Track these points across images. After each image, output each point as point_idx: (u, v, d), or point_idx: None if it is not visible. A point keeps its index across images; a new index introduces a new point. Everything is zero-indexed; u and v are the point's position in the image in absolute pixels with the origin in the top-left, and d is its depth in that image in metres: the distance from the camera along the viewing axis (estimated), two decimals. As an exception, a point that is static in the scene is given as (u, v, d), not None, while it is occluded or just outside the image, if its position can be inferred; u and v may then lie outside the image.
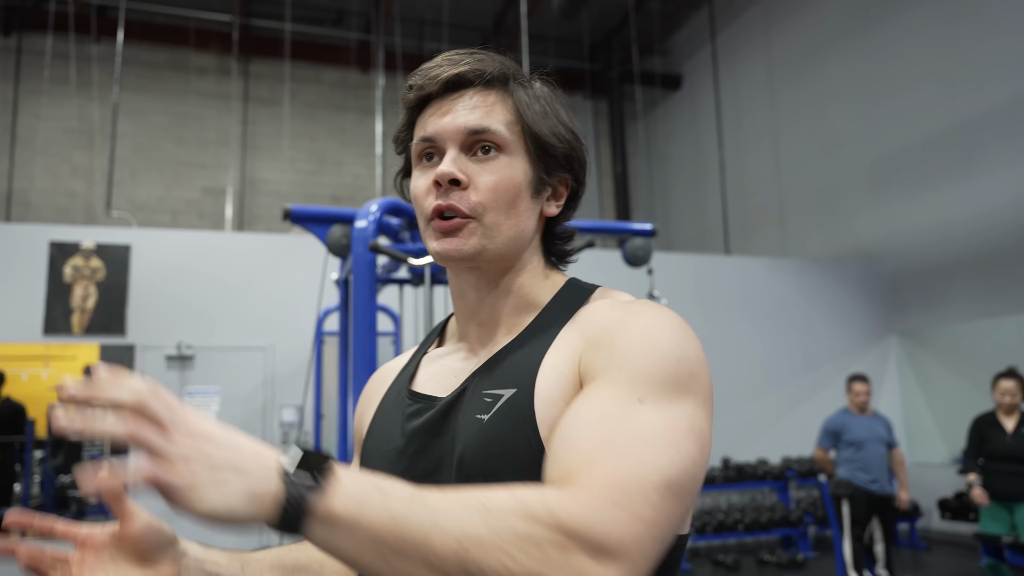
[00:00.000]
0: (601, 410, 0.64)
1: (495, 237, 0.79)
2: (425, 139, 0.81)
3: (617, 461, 0.59)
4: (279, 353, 5.97)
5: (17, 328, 5.59)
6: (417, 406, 0.82)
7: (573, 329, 0.76)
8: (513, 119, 0.81)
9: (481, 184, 0.78)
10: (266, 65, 9.61)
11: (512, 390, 0.74)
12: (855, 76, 7.67)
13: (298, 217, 3.23)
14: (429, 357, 0.90)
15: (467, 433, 0.74)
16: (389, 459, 0.80)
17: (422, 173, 0.82)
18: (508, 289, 0.84)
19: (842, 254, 7.82)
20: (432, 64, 0.82)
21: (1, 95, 8.58)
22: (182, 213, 9.09)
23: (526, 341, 0.79)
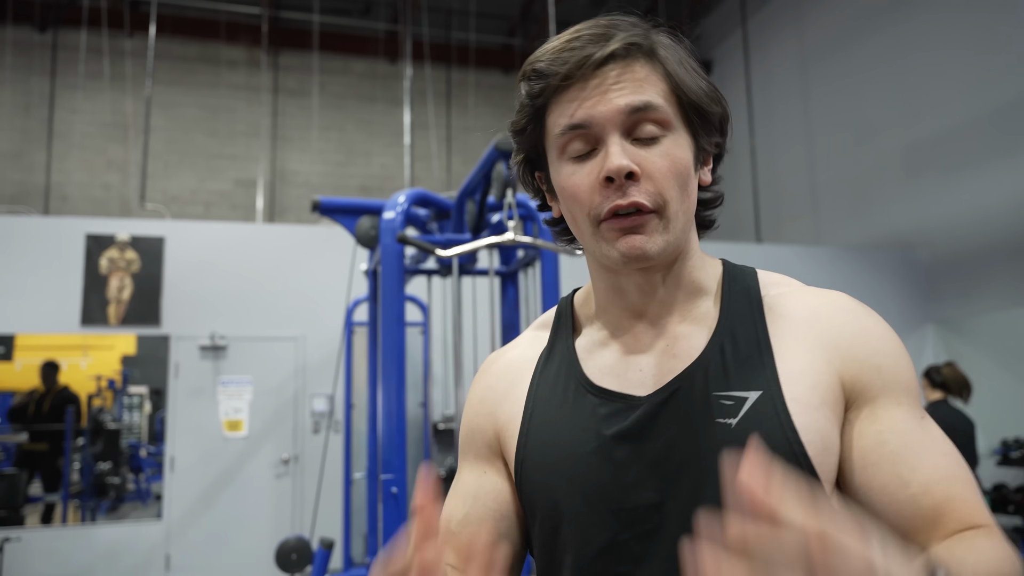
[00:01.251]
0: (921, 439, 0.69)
1: (675, 228, 0.73)
2: (574, 127, 0.72)
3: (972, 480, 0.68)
4: (310, 343, 6.03)
5: (56, 319, 5.72)
6: (614, 405, 0.74)
7: (791, 327, 0.74)
8: (668, 89, 0.73)
9: (656, 172, 0.71)
10: (295, 57, 9.67)
11: (756, 392, 0.70)
12: (889, 61, 7.50)
13: (327, 209, 3.25)
14: (583, 348, 0.81)
15: (708, 439, 0.69)
16: (582, 462, 0.73)
17: (578, 169, 0.73)
18: (676, 280, 0.78)
19: (876, 242, 7.67)
20: (559, 44, 0.73)
21: (38, 90, 8.75)
22: (214, 205, 9.21)
23: (732, 335, 0.74)
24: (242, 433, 5.86)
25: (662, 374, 0.75)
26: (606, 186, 0.71)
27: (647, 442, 0.72)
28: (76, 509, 7.10)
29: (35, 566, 5.45)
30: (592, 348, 0.81)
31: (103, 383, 7.94)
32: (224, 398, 5.87)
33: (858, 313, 0.76)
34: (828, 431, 0.69)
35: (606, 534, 0.71)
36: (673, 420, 0.72)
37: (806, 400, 0.69)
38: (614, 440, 0.73)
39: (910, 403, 0.70)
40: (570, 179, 0.73)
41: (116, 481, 7.34)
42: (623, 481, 0.71)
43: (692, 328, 0.77)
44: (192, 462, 5.76)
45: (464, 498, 0.81)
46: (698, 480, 0.69)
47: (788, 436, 0.68)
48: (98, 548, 5.68)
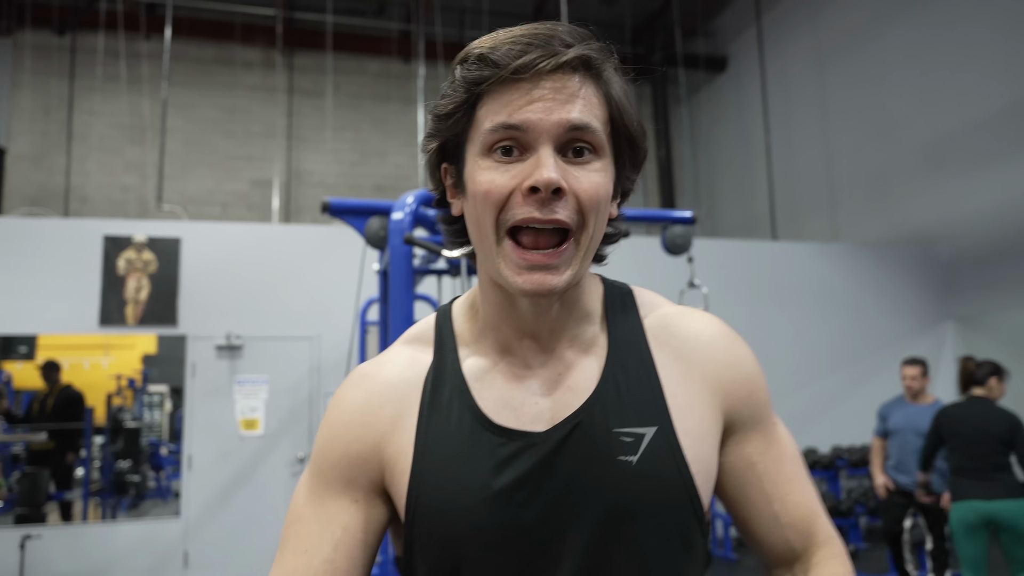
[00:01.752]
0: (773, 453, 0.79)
1: (586, 259, 0.71)
2: (509, 126, 0.68)
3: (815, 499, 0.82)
4: (324, 342, 6.07)
5: (75, 319, 5.79)
6: (514, 445, 0.72)
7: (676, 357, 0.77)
8: (607, 116, 0.71)
9: (582, 192, 0.68)
10: (309, 58, 9.72)
11: (652, 428, 0.72)
12: (908, 54, 7.41)
13: (336, 210, 3.26)
14: (471, 373, 0.77)
15: (610, 477, 0.70)
16: (482, 506, 0.71)
17: (499, 167, 0.69)
18: (569, 306, 0.77)
19: (895, 238, 7.58)
20: (509, 36, 0.69)
21: (57, 93, 8.86)
22: (231, 205, 9.28)
23: (624, 367, 0.75)
24: (258, 432, 5.90)
25: (559, 408, 0.74)
26: (528, 195, 0.67)
27: (548, 480, 0.71)
28: (96, 507, 7.20)
29: (56, 563, 5.53)
30: (482, 375, 0.77)
31: (123, 382, 8.04)
32: (240, 397, 5.92)
33: (731, 340, 0.80)
34: (711, 459, 0.76)
35: (508, 573, 0.71)
36: (574, 457, 0.71)
37: (695, 432, 0.74)
38: (517, 482, 0.71)
39: (768, 419, 0.80)
40: (488, 177, 0.69)
41: (136, 479, 7.43)
42: (525, 521, 0.70)
43: (582, 357, 0.77)
44: (209, 460, 5.82)
45: (332, 529, 0.74)
46: (600, 516, 0.70)
47: (681, 470, 0.72)
48: (118, 545, 5.75)
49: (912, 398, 4.49)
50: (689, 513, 0.72)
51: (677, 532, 0.72)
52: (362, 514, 0.76)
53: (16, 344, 7.21)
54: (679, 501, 0.71)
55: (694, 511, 0.73)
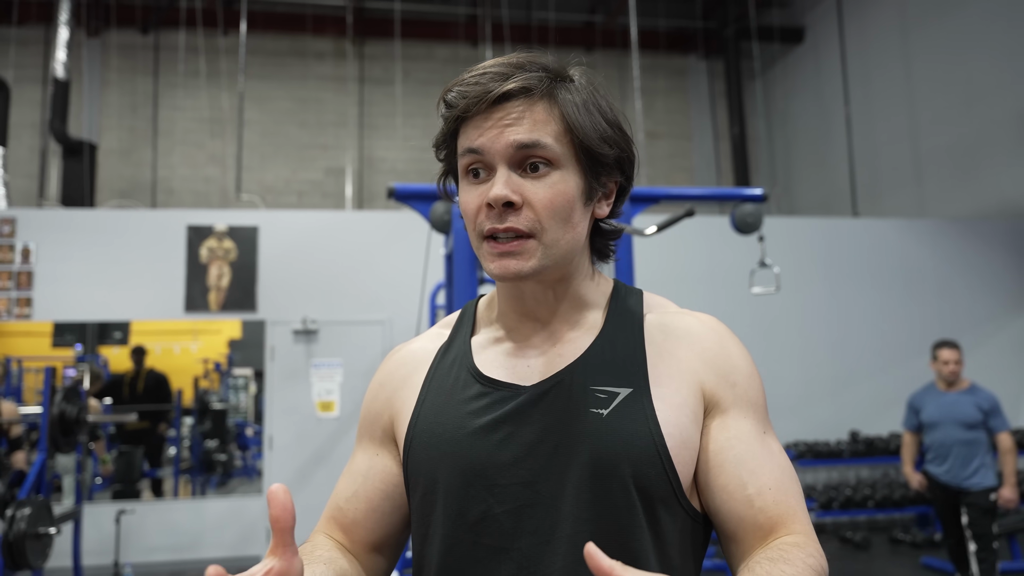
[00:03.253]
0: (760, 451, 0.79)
1: (554, 253, 0.80)
2: (471, 151, 0.80)
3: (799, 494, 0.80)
4: (396, 326, 6.19)
5: (162, 306, 6.07)
6: (498, 392, 0.82)
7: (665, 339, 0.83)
8: (562, 130, 0.79)
9: (536, 202, 0.78)
10: (379, 46, 9.85)
11: (627, 389, 0.79)
12: (997, 18, 6.96)
13: (401, 195, 3.31)
14: (478, 344, 0.90)
15: (580, 426, 0.78)
16: (463, 441, 0.81)
17: (471, 188, 0.81)
18: (564, 292, 0.86)
19: (986, 212, 7.18)
20: (472, 78, 0.80)
21: (143, 90, 9.26)
22: (307, 194, 9.54)
23: (612, 341, 0.84)
24: (334, 414, 6.08)
25: (547, 369, 0.83)
26: (489, 210, 0.79)
27: (525, 426, 0.80)
28: (186, 484, 7.58)
29: (149, 536, 5.85)
30: (487, 344, 0.89)
31: (209, 365, 8.41)
32: (316, 380, 6.11)
33: (722, 335, 0.85)
34: (688, 428, 0.79)
35: (479, 507, 0.79)
36: (551, 408, 0.80)
37: (670, 400, 0.79)
38: (494, 422, 0.80)
39: (756, 418, 0.82)
40: (465, 197, 0.82)
41: (223, 458, 7.78)
42: (499, 460, 0.79)
43: (579, 333, 0.86)
44: (289, 441, 6.03)
45: (355, 477, 0.90)
46: (568, 462, 0.77)
47: (651, 429, 0.77)
48: (206, 521, 6.03)
49: (948, 386, 4.07)
50: (658, 470, 0.76)
51: (644, 486, 0.76)
52: (381, 464, 0.90)
53: (111, 330, 7.63)
54: (646, 455, 0.76)
55: (664, 469, 0.76)
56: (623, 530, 0.76)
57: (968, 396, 3.99)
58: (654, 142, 10.13)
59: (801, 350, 6.62)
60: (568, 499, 0.76)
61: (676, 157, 10.41)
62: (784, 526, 0.76)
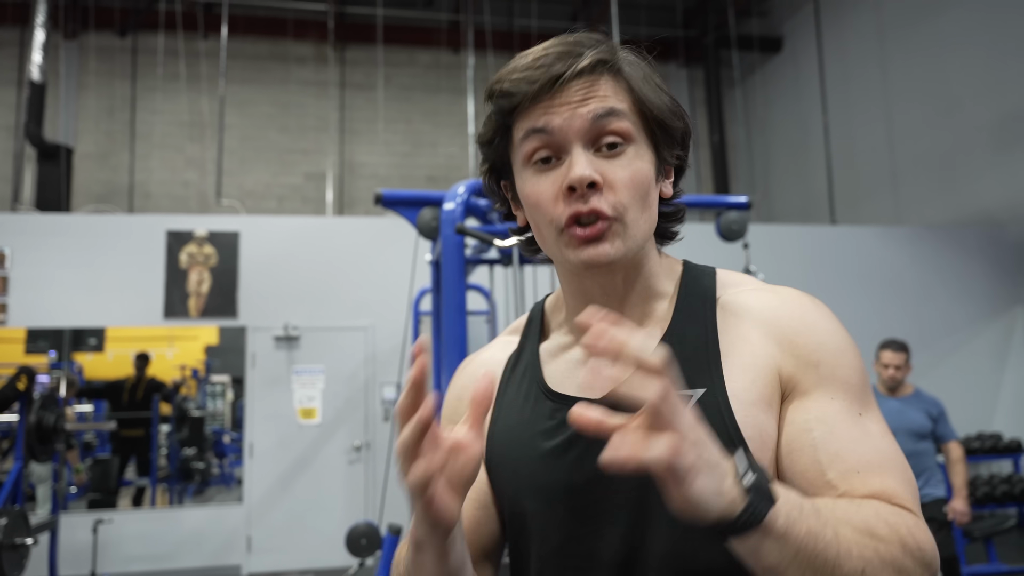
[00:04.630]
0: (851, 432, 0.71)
1: (636, 236, 0.76)
2: (538, 131, 0.74)
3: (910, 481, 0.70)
4: (379, 333, 6.15)
5: (140, 312, 5.99)
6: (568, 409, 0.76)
7: (739, 323, 0.77)
8: (632, 103, 0.76)
9: (617, 182, 0.74)
10: (361, 51, 9.83)
11: (701, 390, 0.74)
12: (974, 27, 7.09)
13: (389, 201, 3.29)
14: (547, 352, 0.85)
15: None
16: (537, 464, 0.78)
17: (540, 176, 0.76)
18: (635, 282, 0.82)
19: (962, 220, 7.30)
20: (528, 63, 0.75)
21: (120, 93, 9.16)
22: (287, 199, 9.47)
23: (681, 336, 0.78)
24: (316, 421, 6.03)
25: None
26: (568, 195, 0.74)
27: (598, 443, 0.72)
28: (164, 492, 7.47)
29: (127, 547, 5.76)
30: (555, 352, 0.85)
31: (187, 372, 8.30)
32: (298, 387, 6.05)
33: (806, 308, 0.78)
34: (766, 424, 0.73)
35: (563, 530, 0.77)
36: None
37: (746, 396, 0.73)
38: (566, 443, 0.77)
39: (847, 398, 0.73)
40: (534, 187, 0.76)
41: (201, 466, 7.68)
42: (575, 482, 0.76)
43: (648, 329, 0.81)
44: (270, 448, 5.97)
45: None
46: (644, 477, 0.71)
47: (730, 432, 0.71)
48: (185, 530, 5.95)
49: (889, 391, 3.63)
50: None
51: None
52: None
53: (86, 336, 7.51)
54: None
55: None
56: (709, 540, 0.68)
57: (915, 403, 3.59)
58: (635, 149, 10.17)
59: (782, 356, 6.67)
60: (649, 515, 0.73)
61: (657, 164, 10.47)
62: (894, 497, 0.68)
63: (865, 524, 0.62)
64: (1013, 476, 6.07)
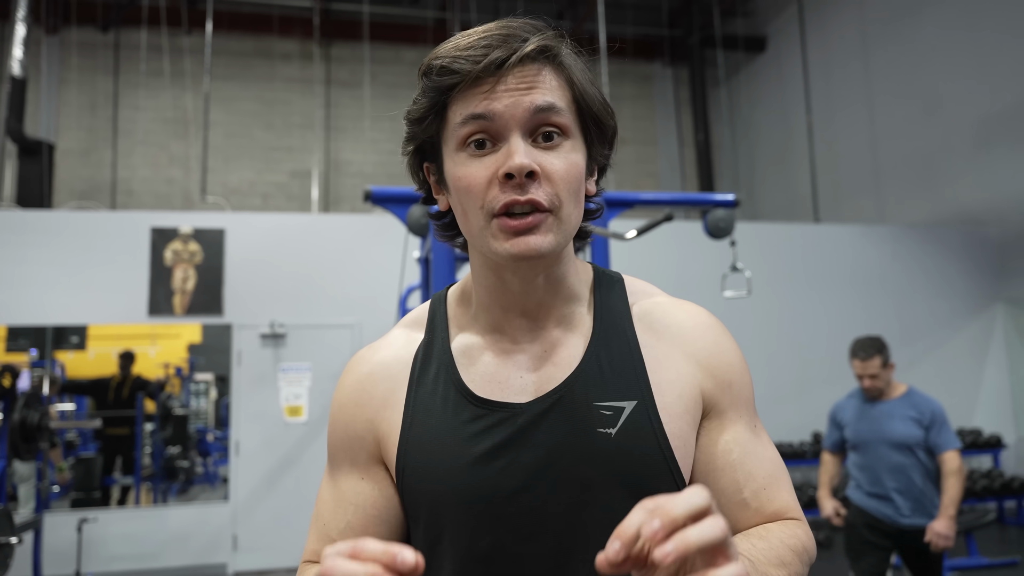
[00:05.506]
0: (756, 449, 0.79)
1: (567, 231, 0.74)
2: (477, 117, 0.72)
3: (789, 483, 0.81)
4: (366, 330, 6.14)
5: (124, 310, 5.94)
6: (493, 415, 0.76)
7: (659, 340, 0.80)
8: (571, 97, 0.75)
9: (554, 174, 0.72)
10: (346, 48, 9.79)
11: (632, 402, 0.75)
12: (956, 29, 7.19)
13: (378, 198, 3.29)
14: (460, 351, 0.81)
15: (589, 448, 0.73)
16: (461, 475, 0.75)
17: (474, 161, 0.73)
18: (555, 282, 0.80)
19: (943, 219, 7.40)
20: (470, 42, 0.72)
21: (103, 89, 9.06)
22: (272, 196, 9.42)
23: (607, 347, 0.78)
24: (302, 419, 6.01)
25: (543, 382, 0.77)
26: (504, 182, 0.71)
27: (527, 450, 0.74)
28: (148, 491, 7.41)
29: (112, 546, 5.71)
30: (470, 352, 0.81)
31: (171, 370, 8.24)
32: (284, 384, 6.03)
33: (716, 331, 0.82)
34: (689, 437, 0.77)
35: (488, 539, 0.74)
36: (554, 429, 0.74)
37: (673, 409, 0.76)
38: (494, 449, 0.75)
39: (748, 414, 0.80)
40: (466, 171, 0.74)
41: (185, 465, 7.63)
42: (504, 489, 0.74)
43: (568, 335, 0.80)
44: (256, 446, 5.94)
45: (344, 508, 0.81)
46: (579, 485, 0.73)
47: (660, 443, 0.74)
48: (170, 529, 5.91)
49: (873, 399, 3.20)
50: (670, 486, 0.73)
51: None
52: (371, 489, 0.81)
53: (68, 334, 7.44)
54: (658, 472, 0.73)
55: (675, 484, 0.74)
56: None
57: (902, 409, 3.09)
58: (621, 147, 10.12)
59: (765, 353, 6.72)
60: (581, 523, 0.73)
61: (642, 162, 10.52)
62: (775, 514, 0.78)
63: (779, 558, 0.71)
64: (993, 471, 6.17)
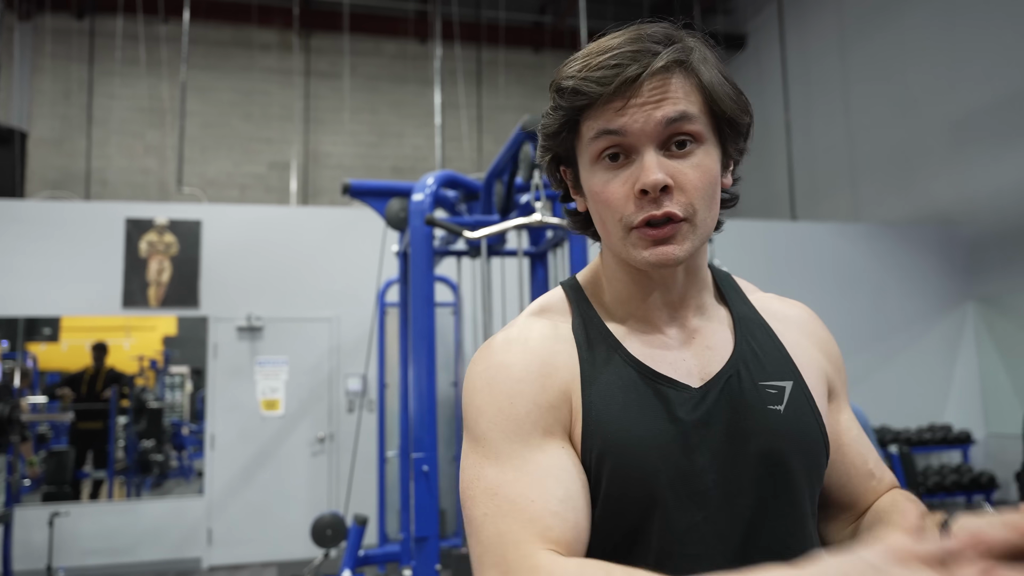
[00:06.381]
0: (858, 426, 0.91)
1: (702, 234, 0.77)
2: (610, 132, 0.74)
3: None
4: (344, 324, 6.11)
5: (98, 301, 5.87)
6: (680, 395, 0.77)
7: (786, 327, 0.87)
8: (703, 103, 0.76)
9: (688, 184, 0.74)
10: (327, 39, 9.71)
11: (790, 382, 0.81)
12: (932, 31, 7.28)
13: (357, 191, 3.28)
14: (620, 335, 0.81)
15: (765, 424, 0.78)
16: (665, 450, 0.75)
17: (610, 174, 0.76)
18: (692, 276, 0.83)
19: (918, 217, 7.50)
20: (601, 61, 0.74)
21: (77, 77, 8.92)
22: (250, 188, 9.34)
23: (750, 333, 0.84)
24: (279, 412, 5.97)
25: (705, 365, 0.80)
26: (640, 197, 0.74)
27: (711, 428, 0.77)
28: (122, 485, 7.34)
29: (84, 540, 5.65)
30: (627, 336, 0.81)
31: (145, 363, 8.15)
32: (261, 378, 5.99)
33: (822, 323, 0.92)
34: (827, 415, 0.84)
35: (687, 518, 0.75)
36: (729, 408, 0.78)
37: (817, 390, 0.83)
38: (686, 428, 0.76)
39: (847, 398, 0.91)
40: (604, 187, 0.76)
41: (160, 458, 7.55)
42: (696, 466, 0.76)
43: (708, 323, 0.84)
44: (232, 440, 5.90)
45: (556, 475, 0.72)
46: (761, 461, 0.77)
47: (818, 420, 0.81)
48: (144, 523, 5.86)
49: None
50: (824, 459, 0.81)
51: (818, 476, 0.81)
52: (573, 459, 0.75)
53: (40, 326, 7.32)
54: (818, 447, 0.80)
55: (827, 458, 0.82)
56: (803, 518, 0.79)
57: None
58: (601, 143, 10.23)
59: (743, 349, 6.79)
60: (762, 498, 0.76)
61: (622, 158, 10.55)
62: (891, 483, 0.89)
63: None
64: (962, 466, 6.28)
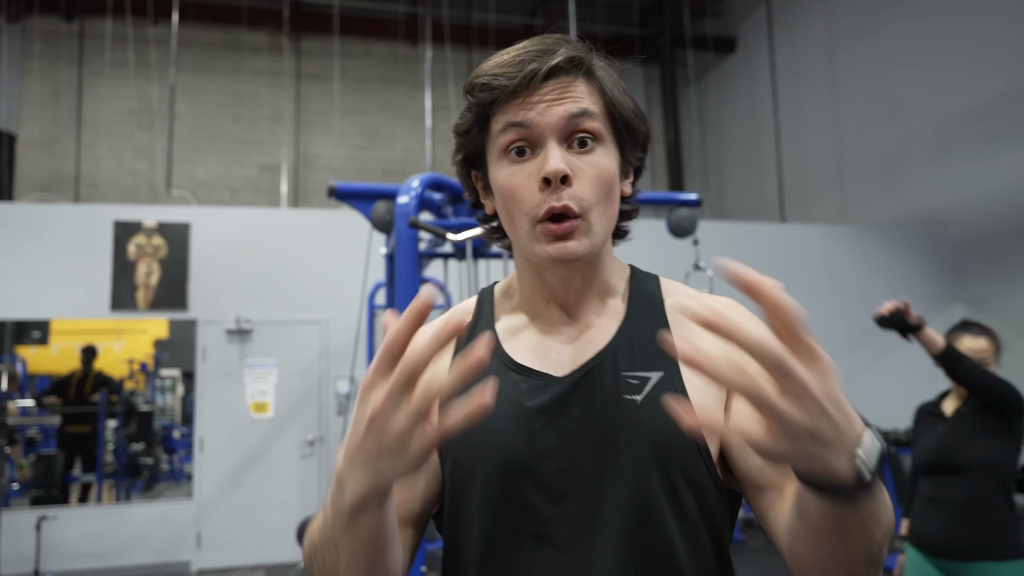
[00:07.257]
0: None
1: (599, 232, 0.80)
2: (516, 124, 0.78)
3: None
4: (333, 326, 6.11)
5: (87, 304, 5.85)
6: (534, 382, 0.82)
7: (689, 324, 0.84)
8: (603, 105, 0.81)
9: (585, 178, 0.78)
10: (317, 42, 9.71)
11: (657, 373, 0.80)
12: (919, 35, 7.33)
13: (343, 194, 3.28)
14: (503, 331, 0.88)
15: (616, 413, 0.78)
16: (502, 432, 0.79)
17: (515, 167, 0.80)
18: (591, 279, 0.86)
19: (905, 220, 7.55)
20: (506, 59, 0.80)
21: (66, 79, 8.89)
22: (240, 190, 9.32)
23: (637, 326, 0.84)
24: (268, 415, 5.97)
25: (577, 357, 0.83)
26: (543, 188, 0.78)
27: (562, 416, 0.79)
28: (111, 489, 7.31)
29: (72, 544, 5.63)
30: (512, 332, 0.88)
31: (135, 366, 8.12)
32: (250, 381, 5.98)
33: (748, 314, 0.85)
34: (714, 410, 0.80)
35: (520, 497, 0.78)
36: (586, 396, 0.80)
37: (699, 383, 0.80)
38: (533, 412, 0.80)
39: None
40: (510, 178, 0.80)
41: (149, 462, 7.52)
42: (538, 449, 0.79)
43: (602, 319, 0.86)
44: (221, 443, 5.89)
45: None
46: (604, 450, 0.78)
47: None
48: (132, 527, 5.84)
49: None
50: (693, 453, 0.78)
51: (680, 468, 0.77)
52: None
53: (29, 329, 7.29)
54: (682, 441, 0.77)
55: (699, 453, 0.78)
56: (660, 511, 0.76)
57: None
58: (591, 145, 10.26)
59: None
60: (606, 486, 0.77)
61: (613, 161, 10.58)
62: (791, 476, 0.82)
63: None
64: (949, 466, 6.30)
